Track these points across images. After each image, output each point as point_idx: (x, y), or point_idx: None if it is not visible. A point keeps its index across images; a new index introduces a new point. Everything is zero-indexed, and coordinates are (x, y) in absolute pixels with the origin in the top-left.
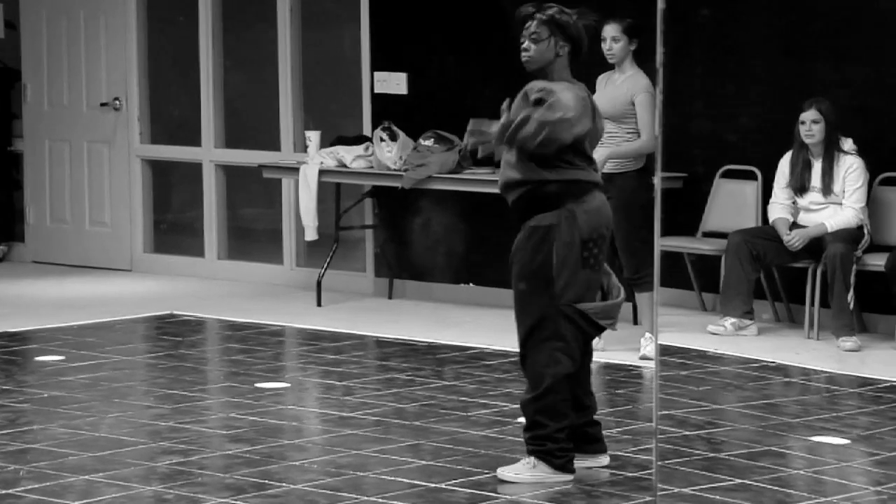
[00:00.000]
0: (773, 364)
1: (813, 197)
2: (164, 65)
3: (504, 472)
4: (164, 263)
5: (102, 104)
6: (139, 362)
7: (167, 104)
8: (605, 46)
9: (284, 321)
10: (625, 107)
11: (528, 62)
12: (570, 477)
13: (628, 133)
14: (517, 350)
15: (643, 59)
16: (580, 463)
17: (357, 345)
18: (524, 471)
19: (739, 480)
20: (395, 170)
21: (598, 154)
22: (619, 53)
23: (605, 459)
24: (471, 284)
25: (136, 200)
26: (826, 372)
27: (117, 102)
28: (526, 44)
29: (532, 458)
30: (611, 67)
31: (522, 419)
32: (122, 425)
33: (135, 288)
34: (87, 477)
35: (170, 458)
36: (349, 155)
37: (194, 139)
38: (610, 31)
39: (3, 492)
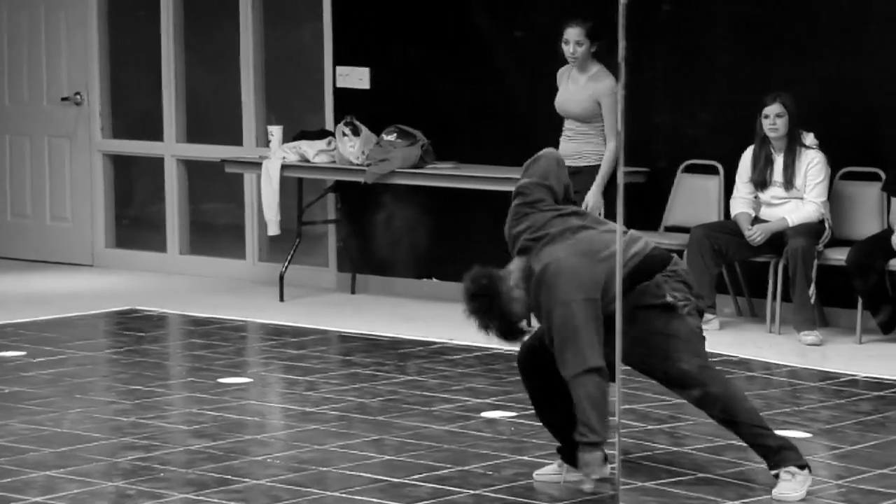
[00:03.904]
0: (736, 358)
1: (774, 191)
2: (125, 59)
3: (785, 495)
4: (125, 258)
5: (63, 99)
6: (101, 357)
7: (128, 99)
8: (567, 49)
9: (247, 316)
10: (592, 107)
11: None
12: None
13: (599, 130)
14: (480, 345)
15: (605, 56)
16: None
17: (320, 340)
18: (799, 487)
19: (702, 474)
20: (357, 164)
21: (592, 197)
22: (581, 56)
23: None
24: (434, 279)
25: (98, 195)
26: (788, 366)
27: (78, 97)
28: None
29: (791, 468)
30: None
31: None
32: (83, 421)
33: (96, 283)
34: (48, 473)
35: (132, 453)
36: (311, 150)
37: (156, 134)
38: (573, 34)
39: None
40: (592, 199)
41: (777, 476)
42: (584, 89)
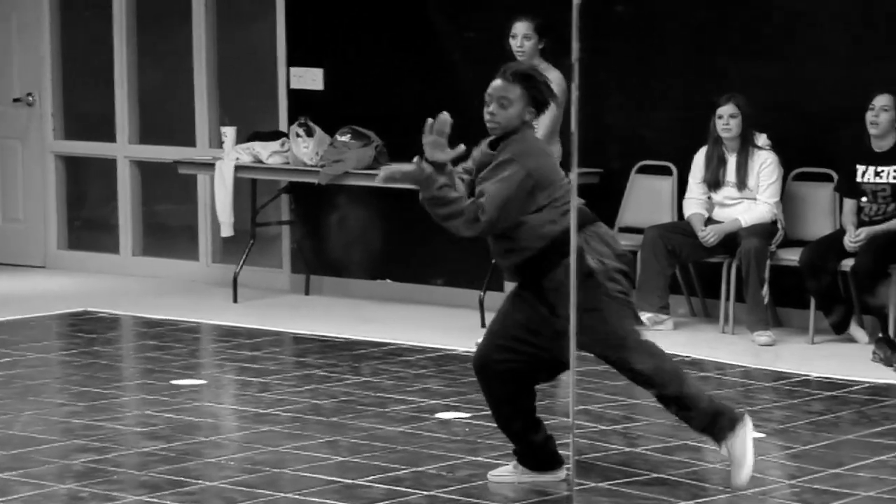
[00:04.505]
0: (689, 358)
1: (727, 192)
2: (77, 60)
3: (743, 477)
4: (78, 260)
5: (15, 100)
6: (54, 360)
7: (81, 100)
8: (515, 43)
9: (200, 318)
10: None
11: (493, 128)
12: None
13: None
14: (435, 346)
15: (557, 56)
16: (540, 478)
17: (274, 341)
18: (745, 441)
19: (655, 475)
20: (311, 166)
21: None
22: (529, 51)
23: (563, 473)
24: (388, 280)
25: (50, 196)
26: (741, 366)
27: (30, 98)
28: (492, 107)
29: (732, 432)
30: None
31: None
32: (36, 423)
33: (49, 284)
34: (0, 475)
35: (85, 455)
36: (265, 151)
37: (108, 135)
38: (522, 28)
39: None
40: None
41: (725, 446)
42: None
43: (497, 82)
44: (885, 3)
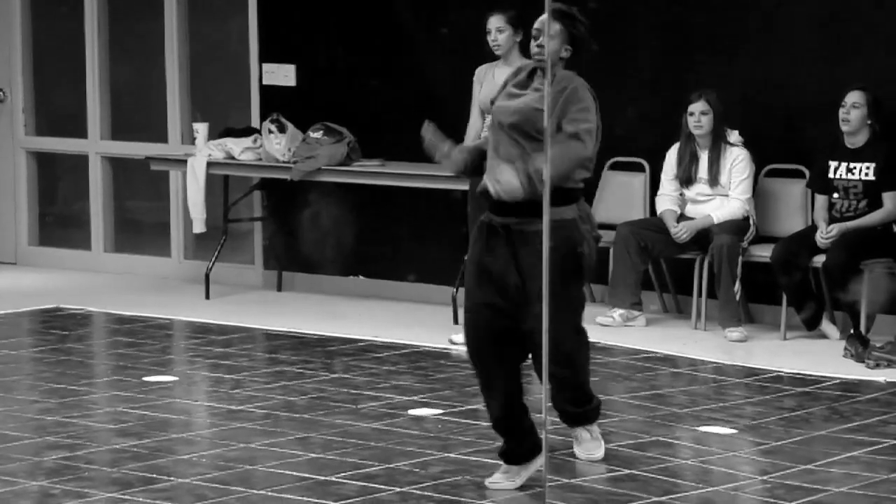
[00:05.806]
0: (661, 355)
1: (700, 188)
2: (49, 55)
3: (591, 455)
4: (50, 256)
5: None
6: (25, 356)
7: (52, 95)
8: (489, 38)
9: (172, 314)
10: None
11: (540, 59)
12: None
13: None
14: (406, 342)
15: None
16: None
17: (246, 338)
18: (599, 447)
19: (628, 471)
20: (283, 162)
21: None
22: (504, 44)
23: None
24: (360, 276)
25: (21, 192)
26: (713, 362)
27: (1, 94)
28: (541, 39)
29: (594, 427)
30: (494, 59)
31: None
32: (7, 420)
33: (20, 281)
34: None
35: (56, 452)
36: (237, 147)
37: (80, 131)
38: (494, 21)
39: None
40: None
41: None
42: None
43: (542, 17)
44: None
